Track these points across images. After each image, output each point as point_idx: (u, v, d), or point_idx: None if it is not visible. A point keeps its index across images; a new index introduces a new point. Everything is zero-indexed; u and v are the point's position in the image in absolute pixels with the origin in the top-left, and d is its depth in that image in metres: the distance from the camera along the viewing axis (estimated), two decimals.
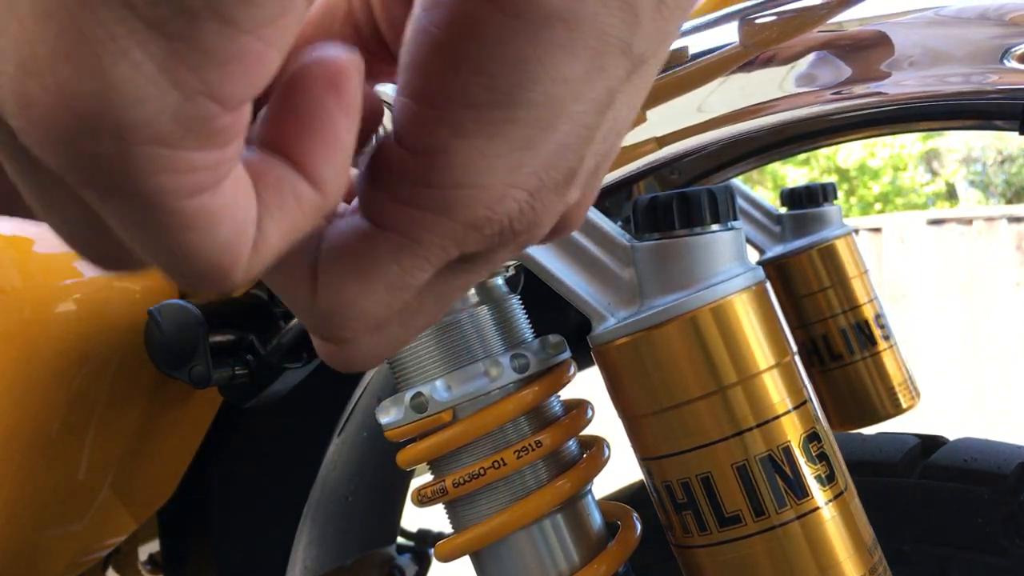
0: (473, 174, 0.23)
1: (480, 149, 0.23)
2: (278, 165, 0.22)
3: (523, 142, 0.23)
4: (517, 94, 0.23)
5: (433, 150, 0.23)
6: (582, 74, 0.23)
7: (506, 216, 0.24)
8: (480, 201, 0.24)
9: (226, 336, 0.58)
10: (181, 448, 0.69)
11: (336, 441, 0.69)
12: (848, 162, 10.64)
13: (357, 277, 0.25)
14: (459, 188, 0.23)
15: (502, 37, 0.22)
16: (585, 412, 0.45)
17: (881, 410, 0.88)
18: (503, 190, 0.24)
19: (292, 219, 0.22)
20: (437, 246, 0.24)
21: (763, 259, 0.92)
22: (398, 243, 0.24)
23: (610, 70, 0.24)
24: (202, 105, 0.18)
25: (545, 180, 0.25)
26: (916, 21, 0.52)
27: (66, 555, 0.67)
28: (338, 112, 0.22)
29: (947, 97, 0.51)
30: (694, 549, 0.42)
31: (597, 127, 0.25)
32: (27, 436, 0.57)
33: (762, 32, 0.54)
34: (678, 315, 0.40)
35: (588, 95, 0.24)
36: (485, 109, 0.23)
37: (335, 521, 0.74)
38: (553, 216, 0.26)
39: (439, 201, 0.24)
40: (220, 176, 0.19)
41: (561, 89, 0.23)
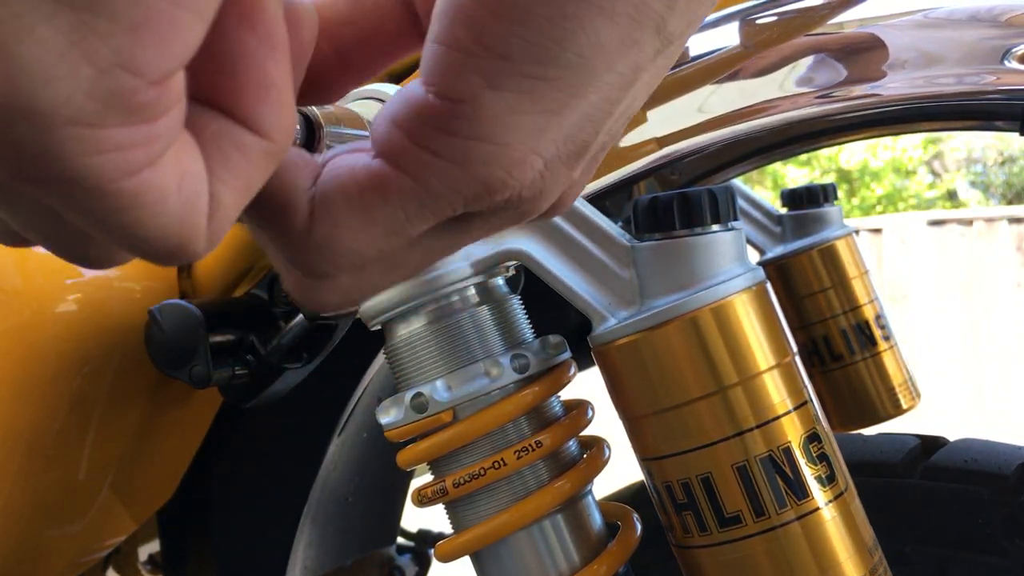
0: (499, 129, 0.23)
1: (510, 103, 0.23)
2: (213, 119, 0.21)
3: (552, 104, 0.23)
4: (553, 51, 0.22)
5: (463, 98, 0.23)
6: (617, 43, 0.23)
7: (519, 182, 0.24)
8: (500, 160, 0.23)
9: (226, 336, 0.58)
10: (181, 448, 0.69)
11: (336, 441, 0.69)
12: (851, 163, 10.64)
13: (359, 214, 0.24)
14: (482, 141, 0.23)
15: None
16: (585, 412, 0.44)
17: (881, 410, 0.89)
18: (524, 154, 0.24)
19: (243, 175, 0.21)
20: (445, 199, 0.24)
21: (763, 259, 0.92)
22: (409, 188, 0.24)
23: (642, 46, 0.24)
24: (119, 78, 0.17)
25: (560, 150, 0.24)
26: (916, 22, 0.52)
27: (66, 555, 0.67)
28: (259, 47, 0.21)
29: (948, 98, 0.51)
30: (694, 549, 0.42)
31: (618, 103, 0.25)
32: (27, 436, 0.57)
33: (763, 32, 0.54)
34: (678, 315, 0.40)
35: (618, 68, 0.24)
36: (520, 62, 0.23)
37: (335, 521, 0.74)
38: (558, 189, 0.26)
39: (460, 152, 0.23)
40: (157, 151, 0.19)
41: (595, 54, 0.23)
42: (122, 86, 0.17)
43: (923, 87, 0.51)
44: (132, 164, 0.18)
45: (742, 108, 0.53)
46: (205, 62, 0.21)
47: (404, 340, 0.43)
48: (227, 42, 0.21)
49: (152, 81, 0.18)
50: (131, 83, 0.17)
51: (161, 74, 0.18)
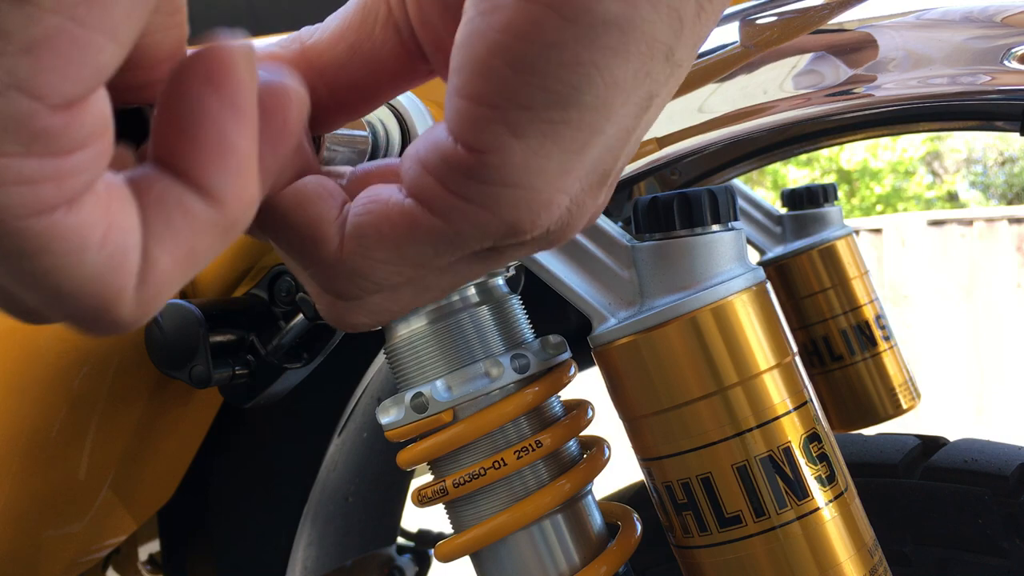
0: (526, 175, 0.24)
1: (534, 150, 0.23)
2: (161, 179, 0.20)
3: (574, 144, 0.24)
4: (572, 96, 0.23)
5: (489, 148, 0.23)
6: (631, 78, 0.23)
7: (548, 221, 0.25)
8: (528, 204, 0.24)
9: (226, 336, 0.58)
10: (181, 448, 0.69)
11: (336, 441, 0.69)
12: (851, 163, 10.63)
13: (390, 247, 0.25)
14: (510, 187, 0.24)
15: (560, 41, 0.22)
16: (585, 412, 0.44)
17: (881, 411, 0.89)
18: (551, 195, 0.24)
19: (186, 241, 0.20)
20: (475, 239, 0.25)
21: (764, 260, 0.92)
22: (439, 228, 0.24)
23: (654, 75, 0.24)
24: (14, 100, 0.16)
25: (585, 184, 0.25)
26: (916, 22, 0.52)
27: (66, 555, 0.67)
28: (221, 110, 0.20)
29: (948, 98, 0.51)
30: (694, 550, 0.42)
31: (635, 130, 0.25)
32: (27, 436, 0.57)
33: (763, 32, 0.54)
34: (678, 315, 0.40)
35: (633, 100, 0.24)
36: (542, 110, 0.23)
37: (335, 521, 0.74)
38: (585, 219, 0.27)
39: (490, 197, 0.24)
40: (71, 191, 0.17)
41: (613, 93, 0.23)
42: (19, 109, 0.16)
43: (923, 87, 0.51)
44: (41, 201, 0.17)
45: (742, 108, 0.53)
46: (169, 120, 0.20)
47: (404, 340, 0.43)
48: (187, 101, 0.20)
49: (55, 106, 0.16)
50: (29, 106, 0.16)
51: (65, 99, 0.16)
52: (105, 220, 0.18)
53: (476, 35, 0.23)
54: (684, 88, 0.53)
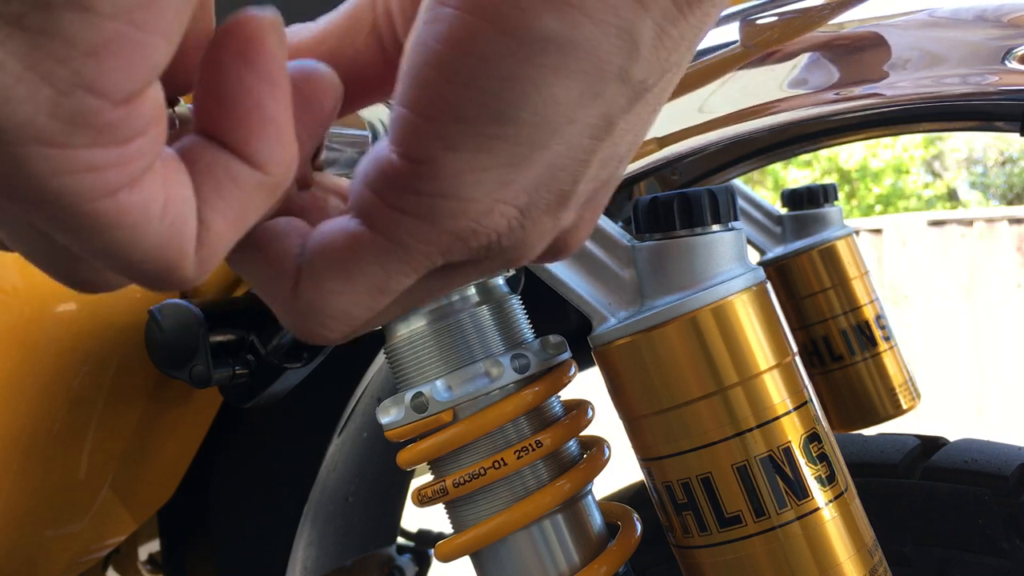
0: (460, 186, 0.23)
1: (468, 162, 0.23)
2: (209, 149, 0.21)
3: (513, 159, 0.23)
4: (508, 112, 0.23)
5: (423, 159, 0.23)
6: (576, 97, 0.23)
7: (493, 231, 0.24)
8: (466, 213, 0.24)
9: (226, 336, 0.58)
10: (181, 448, 0.69)
11: (336, 441, 0.69)
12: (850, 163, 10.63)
13: (339, 275, 0.25)
14: (445, 198, 0.23)
15: (495, 55, 0.22)
16: (585, 412, 0.44)
17: (882, 411, 0.89)
18: (490, 204, 0.24)
19: (236, 204, 0.22)
20: (421, 253, 0.24)
21: (764, 260, 0.92)
22: (384, 246, 0.24)
23: (608, 97, 0.23)
24: (81, 99, 0.17)
25: (535, 199, 0.25)
26: (917, 22, 0.52)
27: (66, 555, 0.67)
28: (256, 82, 0.21)
29: (948, 98, 0.51)
30: (694, 550, 0.42)
31: (593, 152, 0.25)
32: (27, 436, 0.57)
33: (763, 33, 0.54)
34: (679, 315, 0.40)
35: (583, 119, 0.24)
36: (475, 124, 0.23)
37: (335, 521, 0.74)
38: (543, 237, 0.26)
39: (426, 209, 0.24)
40: (133, 172, 0.19)
41: (553, 111, 0.23)
42: (85, 107, 0.17)
43: (923, 87, 0.51)
44: (108, 185, 0.18)
45: (742, 108, 0.53)
46: (208, 93, 0.21)
47: (404, 340, 0.43)
48: (226, 77, 0.21)
49: (117, 102, 0.18)
50: (94, 104, 0.17)
51: (126, 95, 0.18)
52: (163, 193, 0.20)
53: (418, 44, 0.23)
54: (684, 88, 0.53)
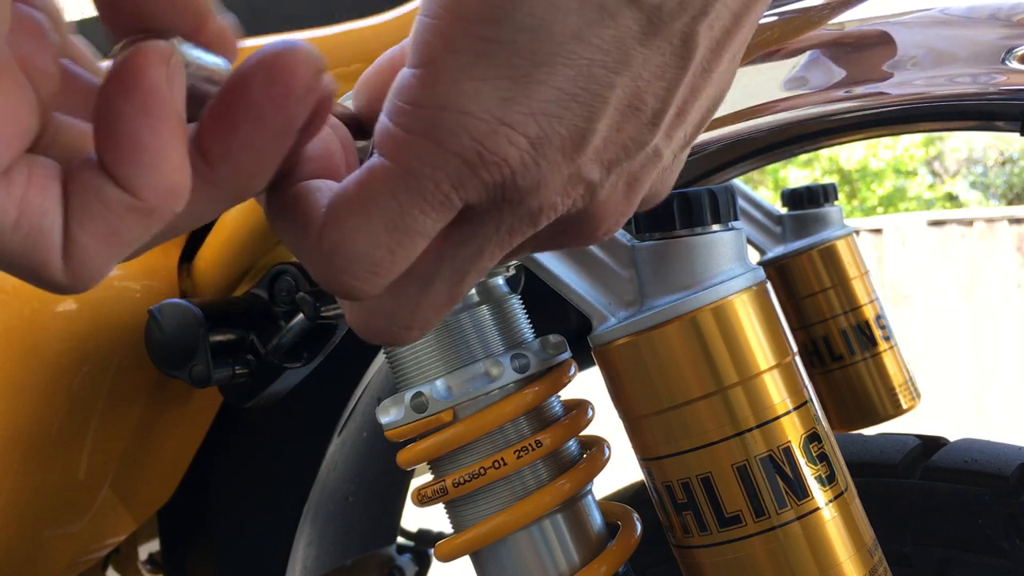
0: (459, 95, 0.23)
1: (466, 68, 0.23)
2: (89, 169, 0.22)
3: (513, 71, 0.23)
4: (504, 10, 0.22)
5: (425, 63, 0.23)
6: (576, 5, 0.22)
7: (503, 160, 0.24)
8: (466, 129, 0.23)
9: (226, 336, 0.58)
10: (181, 448, 0.69)
11: (336, 441, 0.69)
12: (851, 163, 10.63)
13: (357, 212, 0.24)
14: (443, 109, 0.23)
15: None
16: (585, 412, 0.44)
17: (882, 411, 0.89)
18: (493, 124, 0.23)
19: (104, 223, 0.22)
20: (430, 179, 0.24)
21: (764, 260, 0.92)
22: (395, 173, 0.24)
23: (616, 16, 0.23)
24: None
25: (547, 131, 0.24)
26: (916, 22, 0.52)
27: (66, 555, 0.67)
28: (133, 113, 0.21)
29: (948, 98, 0.51)
30: (694, 549, 0.42)
31: (611, 87, 0.24)
32: (27, 436, 0.57)
33: (763, 32, 0.54)
34: (679, 315, 0.40)
35: (591, 39, 0.23)
36: (474, 23, 0.22)
37: (335, 521, 0.74)
38: (564, 187, 0.26)
39: (426, 123, 0.23)
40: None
41: (550, 15, 0.22)
42: None
43: (924, 87, 0.51)
44: None
45: (743, 108, 0.53)
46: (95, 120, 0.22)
47: None
48: (108, 107, 0.22)
49: None
50: None
51: None
52: (16, 206, 0.21)
53: None
54: None
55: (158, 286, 0.64)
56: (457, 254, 0.27)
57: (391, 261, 0.25)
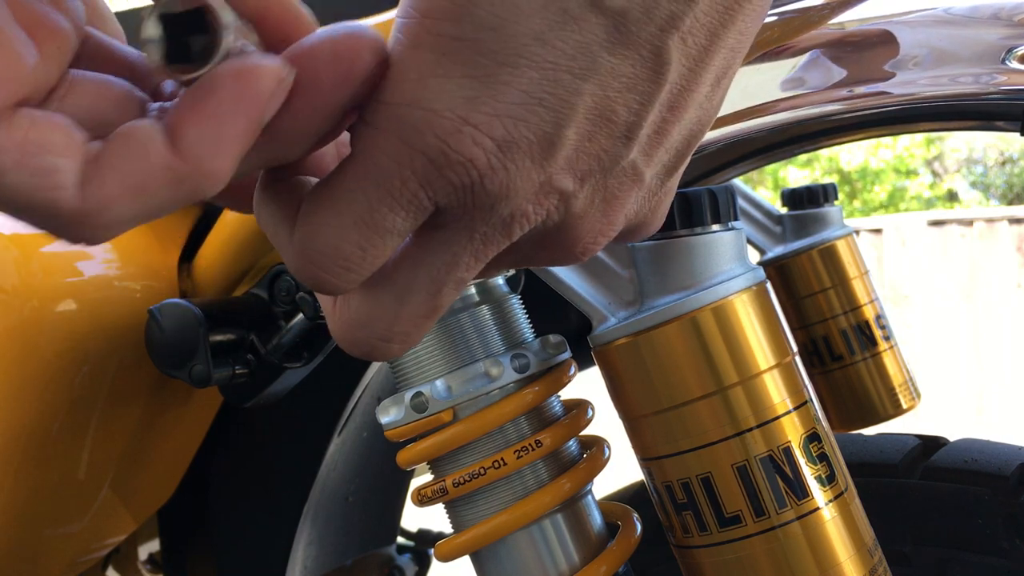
0: (423, 92, 0.23)
1: (431, 65, 0.23)
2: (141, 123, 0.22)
3: (477, 70, 0.23)
4: (465, 7, 0.22)
5: (393, 60, 0.23)
6: (539, 6, 0.23)
7: (469, 160, 0.24)
8: (430, 126, 0.23)
9: (226, 335, 0.58)
10: (181, 448, 0.69)
11: (336, 441, 0.69)
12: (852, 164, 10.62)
13: (328, 205, 0.25)
14: (408, 105, 0.23)
15: None
16: (585, 412, 0.44)
17: (882, 411, 0.89)
18: (457, 123, 0.23)
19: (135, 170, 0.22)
20: (396, 176, 0.24)
21: (764, 259, 0.92)
22: (360, 169, 0.24)
23: (580, 21, 0.23)
24: None
25: (513, 133, 0.24)
26: (915, 22, 0.52)
27: (66, 555, 0.67)
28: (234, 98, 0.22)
29: (948, 98, 0.51)
30: (694, 549, 0.42)
31: (577, 93, 0.24)
32: (27, 436, 0.57)
33: (763, 32, 0.54)
34: (679, 315, 0.40)
35: (555, 42, 0.23)
36: (438, 20, 0.23)
37: (335, 521, 0.74)
38: (536, 195, 0.25)
39: (392, 119, 0.23)
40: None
41: (511, 15, 0.23)
42: None
43: (924, 87, 0.51)
44: None
45: (743, 108, 0.53)
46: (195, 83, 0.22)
47: None
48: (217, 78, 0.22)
49: None
50: None
51: None
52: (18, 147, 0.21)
53: None
54: None
55: (158, 286, 0.64)
56: (432, 261, 0.27)
57: (362, 258, 0.25)
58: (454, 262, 0.27)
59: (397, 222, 0.25)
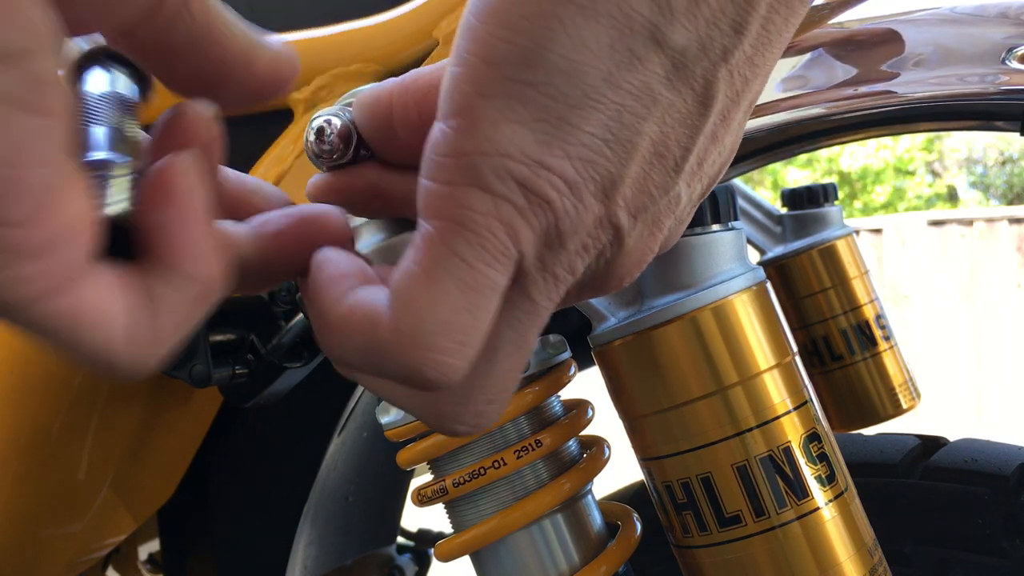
0: (497, 139, 0.23)
1: (503, 112, 0.23)
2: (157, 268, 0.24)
3: (548, 113, 0.23)
4: (536, 52, 0.22)
5: (460, 111, 0.23)
6: (607, 48, 0.23)
7: (546, 202, 0.24)
8: (509, 171, 0.23)
9: (226, 335, 0.58)
10: (181, 448, 0.69)
11: (336, 441, 0.69)
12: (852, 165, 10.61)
13: (426, 284, 0.24)
14: (482, 154, 0.23)
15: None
16: (585, 412, 0.44)
17: (881, 411, 0.88)
18: (533, 167, 0.23)
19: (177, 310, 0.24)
20: (484, 227, 0.24)
21: (764, 259, 0.92)
22: (448, 231, 0.24)
23: (644, 61, 0.23)
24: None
25: (583, 174, 0.24)
26: (915, 21, 0.52)
27: (66, 555, 0.67)
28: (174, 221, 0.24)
29: (948, 98, 0.51)
30: (694, 549, 0.42)
31: (640, 133, 0.24)
32: (27, 436, 0.57)
33: None
34: (679, 315, 0.40)
35: (621, 83, 0.23)
36: (506, 66, 0.23)
37: (335, 521, 0.74)
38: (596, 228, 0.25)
39: (468, 170, 0.23)
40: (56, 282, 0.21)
41: (583, 58, 0.23)
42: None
43: (924, 87, 0.51)
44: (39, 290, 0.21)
45: None
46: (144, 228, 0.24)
47: None
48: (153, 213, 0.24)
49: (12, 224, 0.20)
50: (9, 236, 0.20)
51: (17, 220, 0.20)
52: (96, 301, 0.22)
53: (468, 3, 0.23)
54: None
55: None
56: (514, 314, 0.26)
57: (473, 325, 0.24)
58: (533, 310, 0.27)
59: (495, 275, 0.24)
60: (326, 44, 0.60)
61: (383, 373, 0.25)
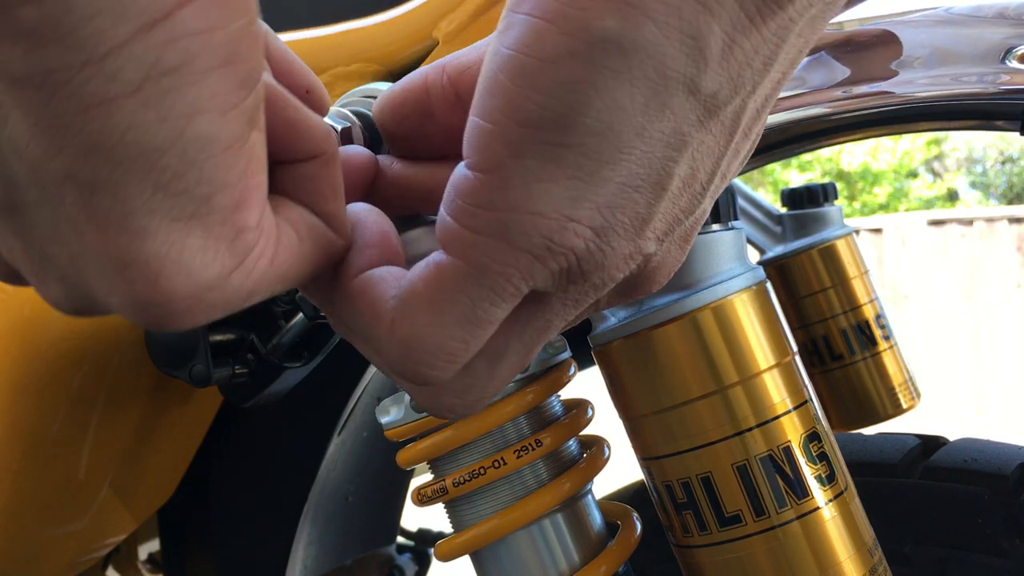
0: (529, 198, 0.23)
1: (535, 172, 0.23)
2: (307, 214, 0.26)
3: (580, 171, 0.23)
4: (571, 117, 0.22)
5: (492, 168, 0.23)
6: (641, 107, 0.22)
7: (570, 251, 0.24)
8: (538, 228, 0.23)
9: (226, 335, 0.58)
10: (181, 448, 0.69)
11: (336, 441, 0.69)
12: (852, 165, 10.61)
13: (428, 308, 0.25)
14: (515, 212, 0.23)
15: (558, 56, 0.22)
16: (585, 412, 0.44)
17: (881, 410, 0.88)
18: (562, 221, 0.23)
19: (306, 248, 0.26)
20: (500, 275, 0.24)
21: (764, 259, 0.92)
22: (465, 272, 0.24)
23: (676, 110, 0.23)
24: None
25: (611, 221, 0.24)
26: (915, 22, 0.52)
27: (66, 555, 0.67)
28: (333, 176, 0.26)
29: (948, 98, 0.51)
30: (694, 549, 0.42)
31: (669, 175, 0.24)
32: (27, 436, 0.57)
33: None
34: (679, 315, 0.40)
35: (652, 134, 0.23)
36: (540, 128, 0.22)
37: (335, 521, 0.74)
38: (624, 263, 0.26)
39: (496, 225, 0.24)
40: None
41: (617, 119, 0.22)
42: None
43: (924, 87, 0.51)
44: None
45: None
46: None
47: None
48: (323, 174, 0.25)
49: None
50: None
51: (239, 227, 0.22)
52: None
53: (491, 54, 0.23)
54: None
55: None
56: (525, 331, 0.27)
57: (464, 350, 0.25)
58: (546, 327, 0.27)
59: (498, 313, 0.25)
60: (326, 44, 0.60)
61: (376, 353, 0.27)
